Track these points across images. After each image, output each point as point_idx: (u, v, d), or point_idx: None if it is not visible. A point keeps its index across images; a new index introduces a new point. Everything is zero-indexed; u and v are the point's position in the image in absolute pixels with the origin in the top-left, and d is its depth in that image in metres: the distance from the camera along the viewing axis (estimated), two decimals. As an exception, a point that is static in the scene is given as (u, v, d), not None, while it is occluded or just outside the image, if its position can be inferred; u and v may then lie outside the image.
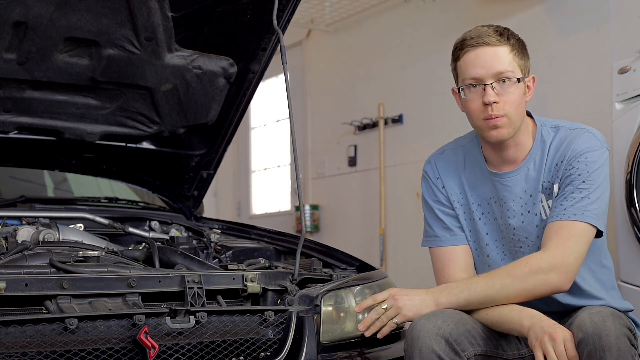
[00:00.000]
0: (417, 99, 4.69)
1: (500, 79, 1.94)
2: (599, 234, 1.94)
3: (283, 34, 2.29)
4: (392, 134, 4.87)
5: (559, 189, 1.96)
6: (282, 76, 3.01)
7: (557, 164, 1.97)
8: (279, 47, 2.27)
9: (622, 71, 2.87)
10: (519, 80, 1.95)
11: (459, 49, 1.99)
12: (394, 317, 1.93)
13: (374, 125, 4.97)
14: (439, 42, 4.51)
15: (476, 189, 2.09)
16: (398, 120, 4.81)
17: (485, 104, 1.94)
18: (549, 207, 1.98)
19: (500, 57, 1.94)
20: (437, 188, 2.13)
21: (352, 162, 5.21)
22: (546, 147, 2.00)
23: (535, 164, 2.00)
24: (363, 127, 5.07)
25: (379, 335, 1.96)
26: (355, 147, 5.19)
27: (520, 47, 1.98)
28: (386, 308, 1.93)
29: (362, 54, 5.14)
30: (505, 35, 1.96)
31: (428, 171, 2.16)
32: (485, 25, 2.01)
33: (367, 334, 1.96)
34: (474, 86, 1.96)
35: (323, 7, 5.05)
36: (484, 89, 1.94)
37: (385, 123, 4.88)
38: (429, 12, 4.59)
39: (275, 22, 2.19)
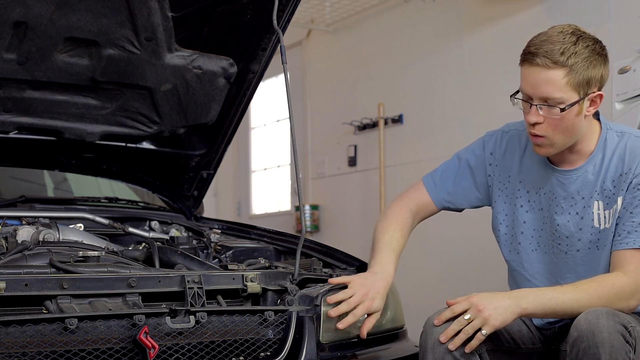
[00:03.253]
0: (417, 99, 4.69)
1: (547, 103, 1.89)
2: None
3: (283, 34, 2.28)
4: (392, 134, 4.87)
5: (624, 201, 1.92)
6: (282, 76, 3.01)
7: (621, 175, 1.94)
8: (279, 47, 2.27)
9: (622, 71, 2.88)
10: (562, 109, 1.87)
11: (522, 55, 1.92)
12: (480, 327, 1.83)
13: (374, 125, 4.97)
14: (439, 42, 4.51)
15: (530, 175, 2.08)
16: (398, 120, 4.81)
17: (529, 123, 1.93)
18: (604, 217, 1.96)
19: (551, 81, 1.86)
20: (481, 159, 2.16)
21: (352, 162, 5.22)
22: (608, 152, 1.97)
23: (595, 168, 1.98)
24: (363, 127, 5.07)
25: (467, 350, 1.84)
26: (355, 147, 5.19)
27: (584, 65, 1.86)
28: (469, 319, 1.83)
29: (362, 54, 5.14)
30: (567, 54, 1.85)
31: (486, 142, 2.17)
32: (558, 31, 1.89)
33: (452, 347, 1.83)
34: (525, 99, 1.93)
35: (323, 7, 5.05)
36: (530, 107, 1.91)
37: (385, 123, 4.88)
38: (429, 12, 4.59)
39: (275, 22, 2.19)
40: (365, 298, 1.97)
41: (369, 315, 2.00)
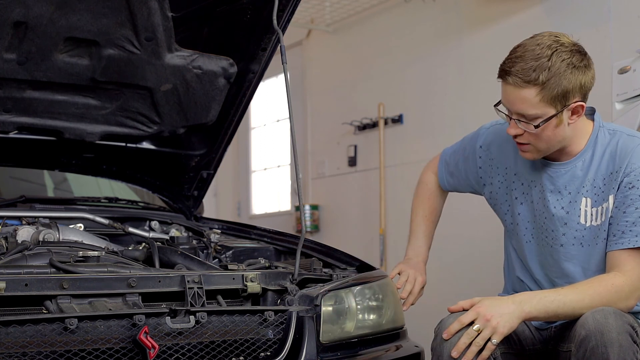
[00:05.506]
0: (417, 99, 4.69)
1: (524, 119, 1.92)
2: None
3: (283, 34, 2.29)
4: (392, 134, 4.87)
5: (615, 200, 1.94)
6: (282, 76, 3.01)
7: (612, 173, 1.95)
8: (279, 47, 2.27)
9: (622, 71, 2.88)
10: (536, 126, 1.90)
11: (498, 70, 1.95)
12: (490, 336, 1.81)
13: (374, 125, 4.97)
14: (439, 42, 4.51)
15: (525, 168, 2.11)
16: (398, 120, 4.81)
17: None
18: (591, 214, 1.97)
19: (524, 100, 1.89)
20: (473, 150, 2.24)
21: (352, 162, 5.21)
22: (598, 149, 1.99)
23: (584, 164, 1.99)
24: (363, 127, 5.06)
25: None
26: (355, 147, 5.19)
27: (556, 80, 1.87)
28: (478, 329, 1.81)
29: (362, 54, 5.14)
30: (539, 71, 1.85)
31: (480, 135, 2.25)
32: (535, 44, 1.89)
33: None
34: (505, 112, 1.97)
35: (323, 7, 5.05)
36: (510, 119, 1.95)
37: (385, 123, 4.88)
38: (429, 12, 4.58)
39: (275, 22, 2.19)
40: (416, 275, 2.28)
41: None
